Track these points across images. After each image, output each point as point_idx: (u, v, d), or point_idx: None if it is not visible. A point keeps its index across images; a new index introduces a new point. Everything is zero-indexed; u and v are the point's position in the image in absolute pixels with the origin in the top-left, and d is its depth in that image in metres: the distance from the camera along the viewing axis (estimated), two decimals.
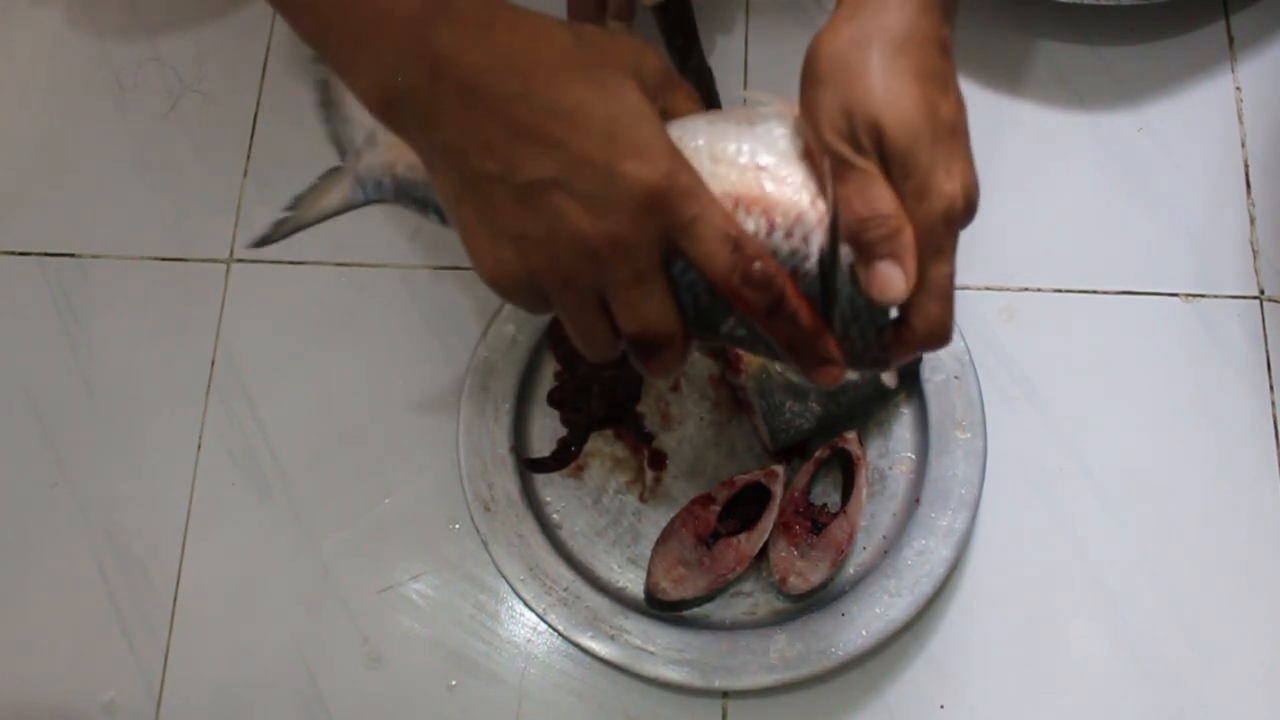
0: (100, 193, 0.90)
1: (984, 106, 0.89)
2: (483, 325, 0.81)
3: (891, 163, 0.49)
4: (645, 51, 0.52)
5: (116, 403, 0.84)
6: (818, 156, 0.51)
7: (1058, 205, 0.87)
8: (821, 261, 0.51)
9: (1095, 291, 0.85)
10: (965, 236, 0.85)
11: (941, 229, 0.50)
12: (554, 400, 0.81)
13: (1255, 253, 0.85)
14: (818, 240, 0.51)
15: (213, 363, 0.85)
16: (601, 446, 0.80)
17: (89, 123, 0.92)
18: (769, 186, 0.51)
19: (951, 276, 0.51)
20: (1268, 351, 0.83)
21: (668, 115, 0.53)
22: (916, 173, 0.49)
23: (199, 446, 0.83)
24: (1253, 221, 0.86)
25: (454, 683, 0.77)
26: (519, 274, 0.51)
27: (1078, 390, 0.82)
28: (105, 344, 0.86)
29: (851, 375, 0.54)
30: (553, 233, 0.48)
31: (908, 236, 0.49)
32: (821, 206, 0.51)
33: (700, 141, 0.52)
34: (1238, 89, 0.90)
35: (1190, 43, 0.90)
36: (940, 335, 0.52)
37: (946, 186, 0.49)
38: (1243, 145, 0.88)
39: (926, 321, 0.51)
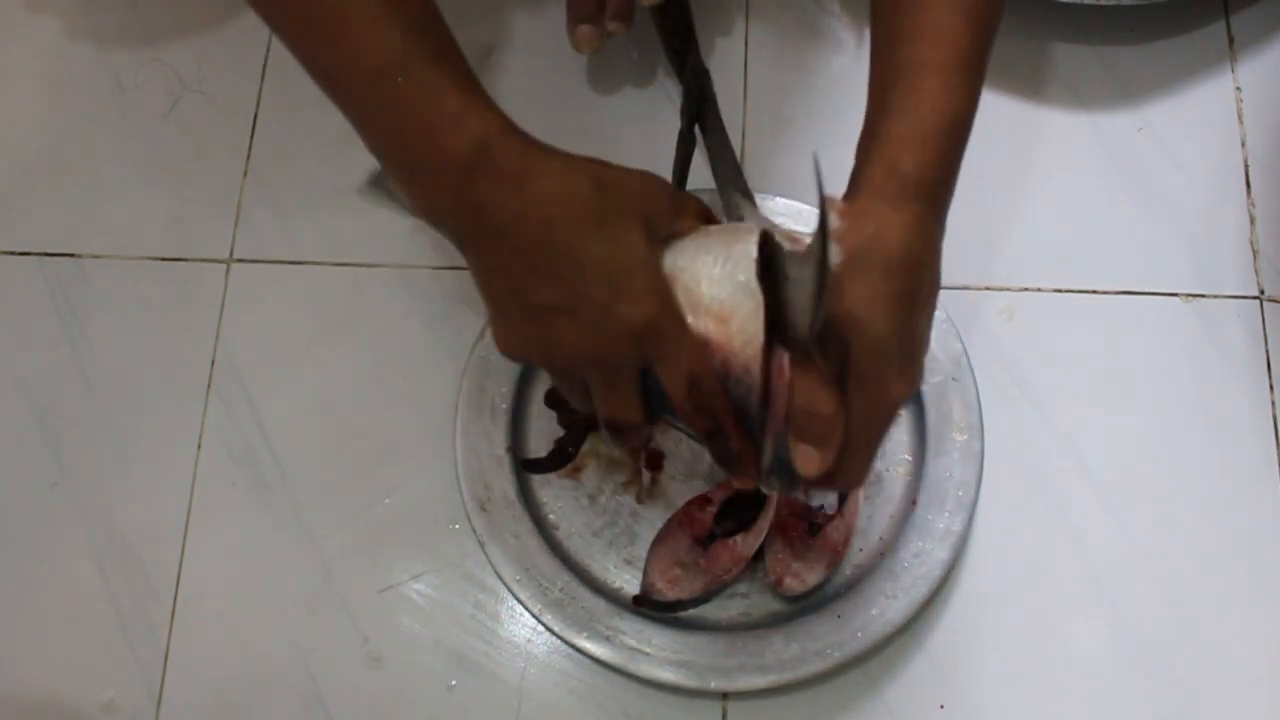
0: (100, 193, 0.90)
1: (984, 107, 0.88)
2: (481, 326, 0.81)
3: (851, 374, 0.55)
4: (655, 190, 0.59)
5: (116, 403, 0.84)
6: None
7: (1058, 205, 0.87)
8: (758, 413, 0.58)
9: (1095, 291, 0.85)
10: (965, 237, 0.86)
11: (879, 422, 0.57)
12: (551, 401, 0.81)
13: (1255, 253, 0.85)
14: (759, 377, 0.57)
15: (213, 363, 0.85)
16: (599, 447, 0.80)
17: (89, 123, 0.92)
18: (732, 335, 0.57)
19: (871, 461, 0.58)
20: (1268, 351, 0.83)
21: (677, 236, 0.59)
22: (870, 385, 0.55)
23: (199, 446, 0.83)
24: (1253, 221, 0.86)
25: (454, 683, 0.77)
26: (520, 358, 0.61)
27: (1078, 390, 0.82)
28: (105, 344, 0.86)
29: None
30: (552, 343, 0.57)
31: (836, 436, 0.56)
32: (752, 352, 0.56)
33: (687, 273, 0.58)
34: (1238, 89, 0.89)
35: (1190, 43, 0.90)
36: (849, 487, 0.64)
37: (894, 393, 0.55)
38: (1243, 145, 0.88)
39: (836, 481, 0.58)
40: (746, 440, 0.59)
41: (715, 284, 0.57)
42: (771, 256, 0.56)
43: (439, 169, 0.56)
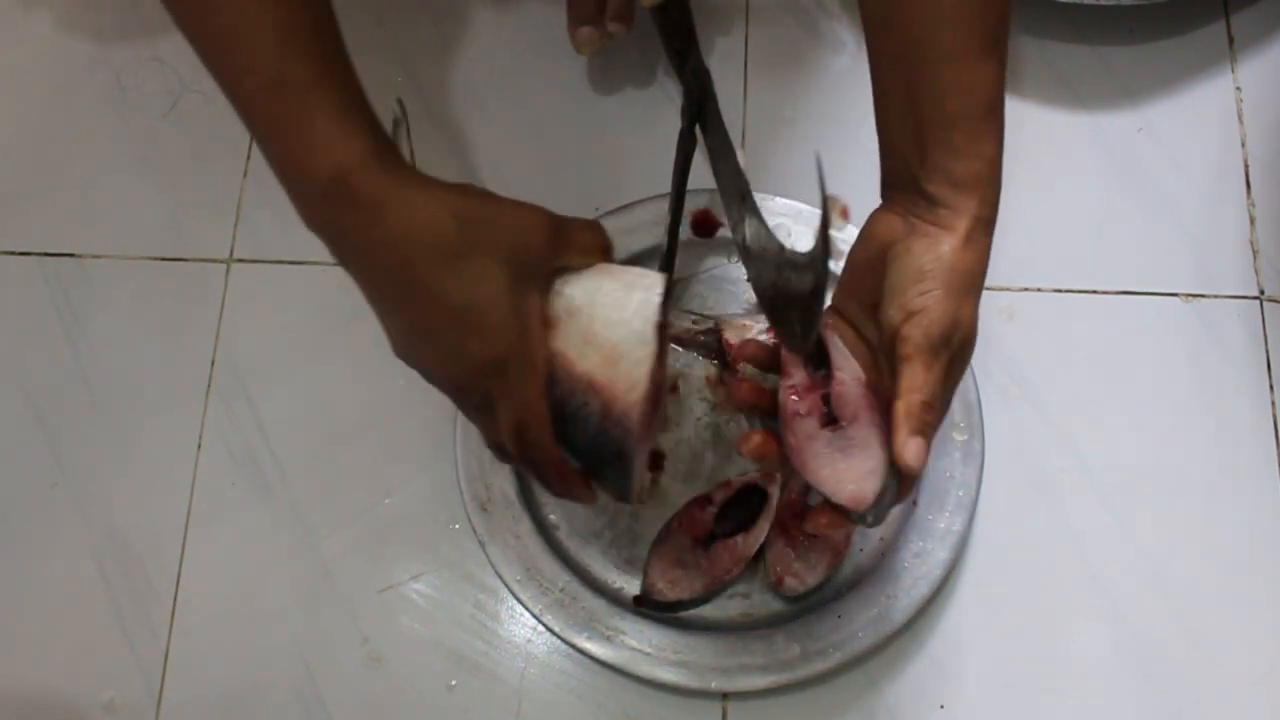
0: (100, 193, 0.90)
1: None
2: None
3: (955, 362, 0.59)
4: (528, 226, 0.59)
5: (116, 403, 0.84)
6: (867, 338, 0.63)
7: (1058, 205, 0.87)
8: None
9: (1095, 291, 0.85)
10: None
11: (937, 415, 0.59)
12: None
13: (1255, 253, 0.85)
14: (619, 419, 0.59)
15: (213, 363, 0.85)
16: None
17: (89, 123, 0.93)
18: (616, 378, 0.59)
19: (925, 452, 0.58)
20: (1268, 351, 0.83)
21: (566, 271, 0.60)
22: (955, 377, 0.59)
23: (199, 446, 0.83)
24: (1253, 221, 0.86)
25: (454, 683, 0.77)
26: (404, 362, 0.62)
27: (1078, 390, 0.82)
28: (105, 344, 0.86)
29: None
30: (420, 362, 0.60)
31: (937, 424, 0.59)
32: (635, 398, 0.59)
33: (584, 309, 0.60)
34: (1238, 89, 0.89)
35: (1190, 43, 0.90)
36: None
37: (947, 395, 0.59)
38: (1243, 145, 0.88)
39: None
40: (570, 471, 0.62)
41: (611, 326, 0.59)
42: (667, 306, 0.59)
43: (303, 193, 0.57)
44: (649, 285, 0.59)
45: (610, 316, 0.59)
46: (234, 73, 0.57)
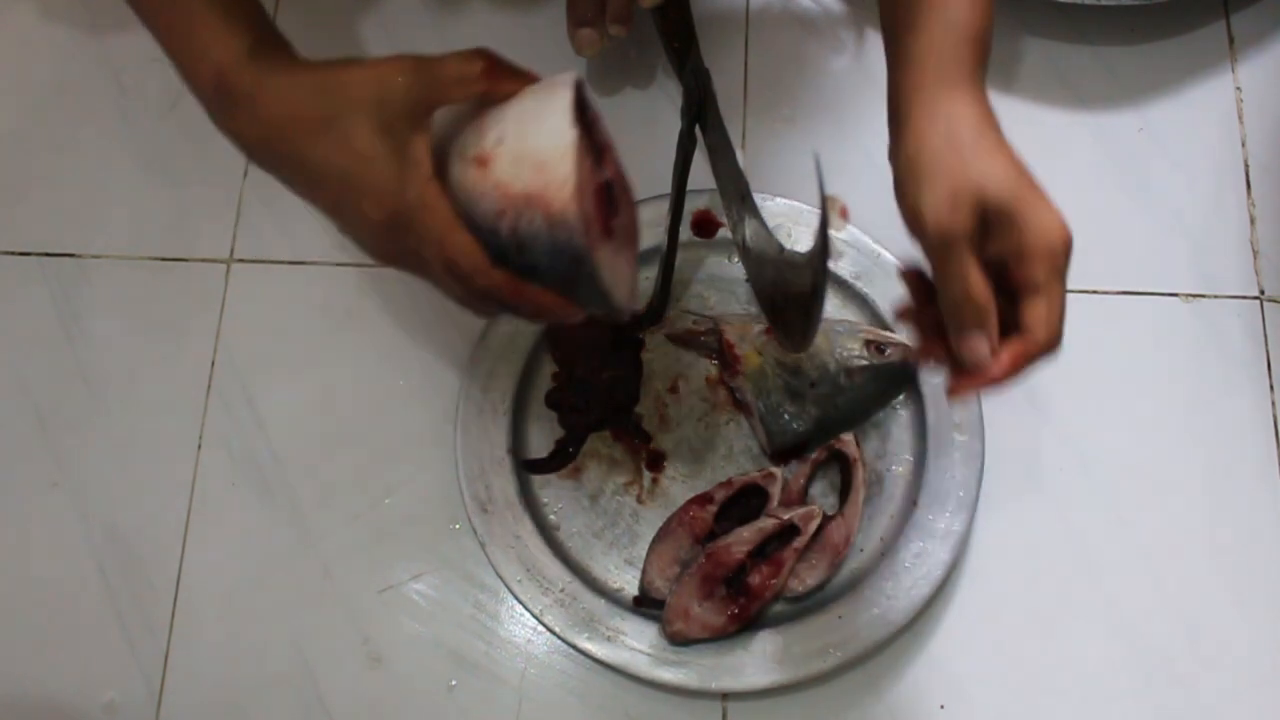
0: (100, 193, 0.90)
1: None
2: (481, 326, 0.81)
3: (999, 217, 0.57)
4: (388, 74, 0.58)
5: (116, 403, 0.84)
6: (925, 250, 0.59)
7: (1058, 205, 0.87)
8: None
9: (1095, 291, 0.85)
10: None
11: (1061, 254, 0.58)
12: (552, 402, 0.81)
13: (1255, 253, 0.85)
14: (546, 222, 0.56)
15: (213, 363, 0.85)
16: (599, 448, 0.80)
17: (89, 123, 0.92)
18: (548, 182, 0.56)
19: (1063, 299, 0.59)
20: (1268, 351, 0.83)
21: (445, 102, 0.59)
22: (1021, 214, 0.57)
23: (199, 446, 0.83)
24: (1253, 221, 0.86)
25: (454, 683, 0.77)
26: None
27: (1078, 390, 0.82)
28: (105, 344, 0.86)
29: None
30: (355, 242, 0.60)
31: (991, 314, 0.57)
32: (567, 194, 0.56)
33: (478, 135, 0.58)
34: (1238, 89, 0.89)
35: (1190, 43, 0.90)
36: (1055, 342, 0.60)
37: (1048, 218, 0.58)
38: (1243, 145, 0.88)
39: (1048, 329, 0.59)
40: (542, 293, 0.59)
41: (533, 136, 0.57)
42: (584, 100, 0.57)
43: (202, 100, 0.59)
44: (560, 84, 0.58)
45: (530, 129, 0.57)
46: None
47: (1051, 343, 0.60)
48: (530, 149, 0.57)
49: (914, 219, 0.59)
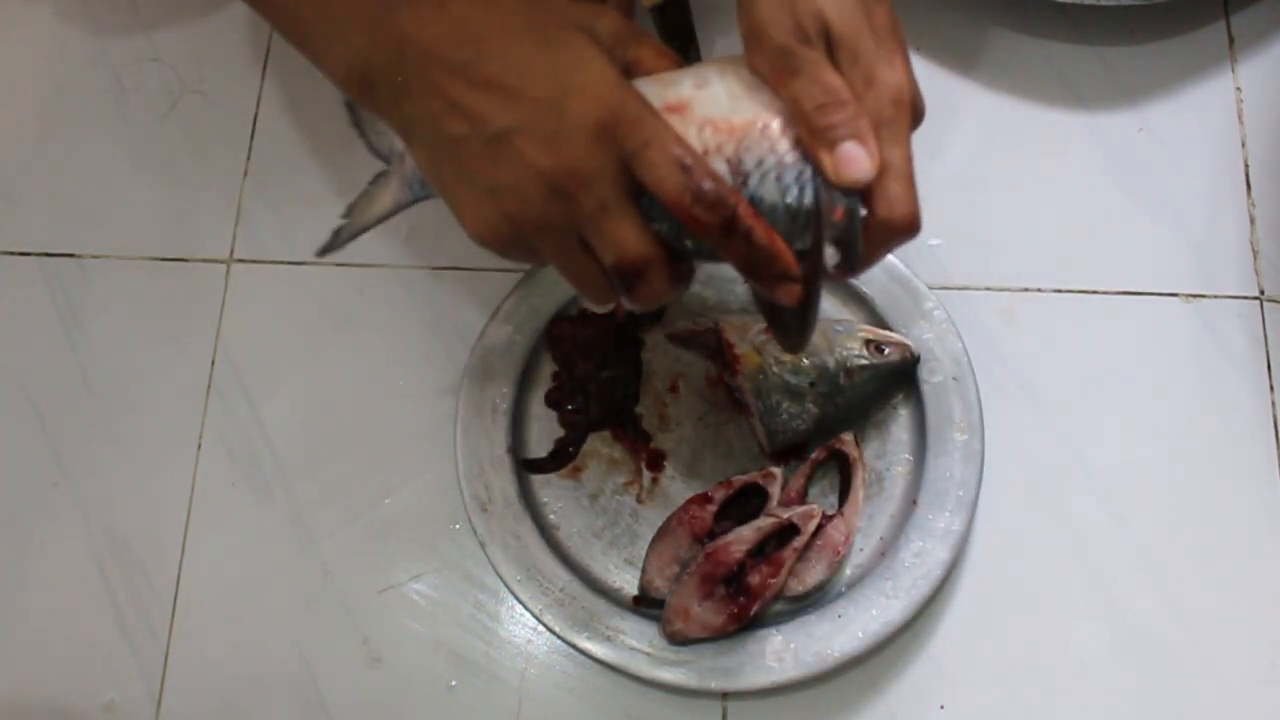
0: (100, 193, 0.90)
1: (984, 106, 0.89)
2: (481, 326, 0.81)
3: (838, 50, 0.52)
4: (601, 13, 0.55)
5: (116, 403, 0.84)
6: (766, 61, 0.54)
7: (1058, 205, 0.87)
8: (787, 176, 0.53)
9: (1095, 291, 0.85)
10: (965, 237, 0.85)
11: (891, 111, 0.52)
12: (552, 401, 0.81)
13: (1255, 253, 0.85)
14: (775, 156, 0.53)
15: (213, 363, 0.85)
16: (599, 447, 0.80)
17: (89, 123, 0.93)
18: (736, 111, 0.53)
19: (909, 159, 0.53)
20: (1268, 351, 0.82)
21: (634, 69, 0.56)
22: (863, 61, 0.52)
23: (199, 446, 0.83)
24: (1253, 221, 0.86)
25: (454, 683, 0.77)
26: (500, 227, 0.54)
27: (1078, 390, 0.82)
28: (105, 344, 0.86)
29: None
30: (520, 178, 0.52)
31: (864, 120, 0.51)
32: (776, 126, 0.53)
33: (668, 87, 0.55)
34: (1238, 89, 0.89)
35: (1190, 43, 0.90)
36: (908, 219, 0.53)
37: (891, 75, 0.52)
38: (1243, 145, 0.88)
39: (891, 206, 0.53)
40: (769, 226, 0.53)
41: (741, 79, 0.54)
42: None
43: (357, 5, 0.53)
44: (730, 65, 0.55)
45: (737, 72, 0.54)
46: None
47: (900, 221, 0.53)
48: (744, 87, 0.54)
49: (752, 28, 0.54)
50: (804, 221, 0.53)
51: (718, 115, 0.53)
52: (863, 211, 0.53)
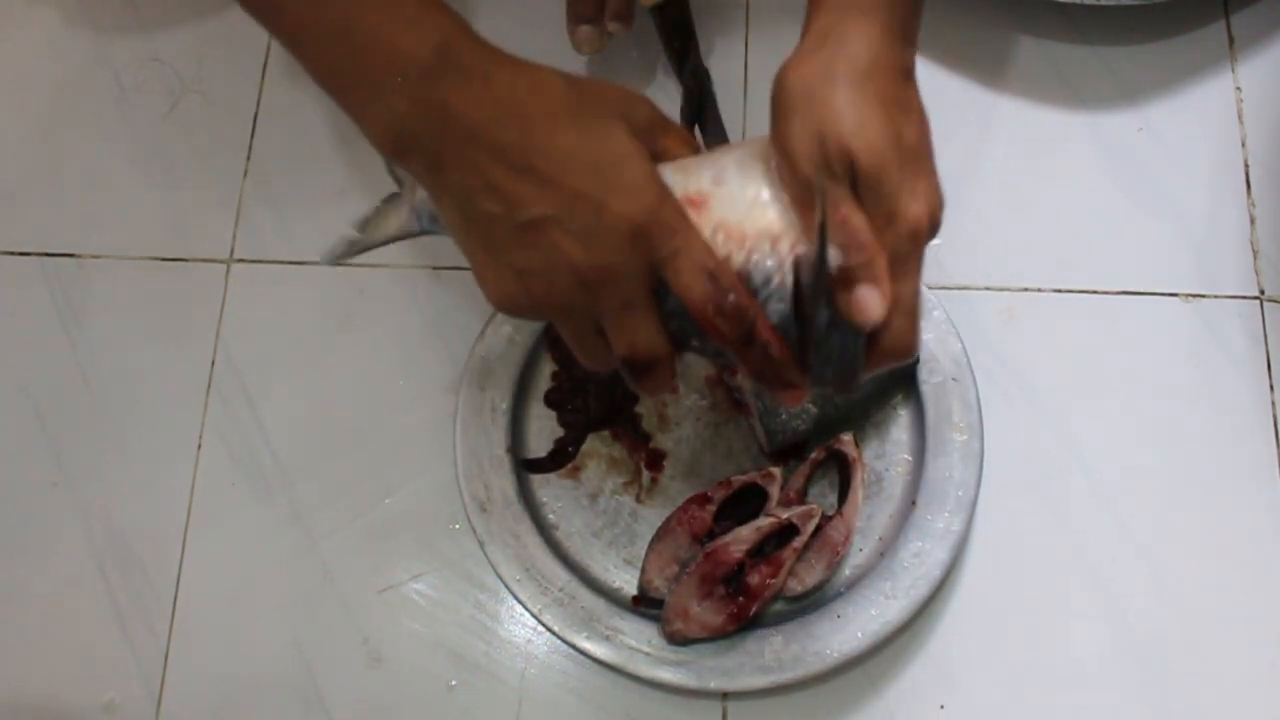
0: (100, 193, 0.90)
1: (984, 106, 0.89)
2: (480, 326, 0.81)
3: (862, 187, 0.52)
4: (636, 99, 0.56)
5: (116, 403, 0.84)
6: (791, 186, 0.54)
7: (1058, 205, 0.87)
8: (799, 288, 0.54)
9: (1095, 291, 0.85)
10: (965, 237, 0.86)
11: (908, 249, 0.53)
12: (551, 401, 0.81)
13: (1255, 253, 0.85)
14: (792, 270, 0.53)
15: (213, 363, 0.85)
16: (599, 447, 0.80)
17: (89, 123, 0.93)
18: (749, 218, 0.54)
19: (918, 293, 0.54)
20: (1268, 351, 0.82)
21: (661, 157, 0.56)
22: (886, 197, 0.52)
23: (199, 446, 0.83)
24: (1253, 221, 0.86)
25: (454, 683, 0.77)
26: (522, 302, 0.55)
27: (1078, 390, 0.82)
28: (105, 344, 0.86)
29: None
30: (549, 265, 0.53)
31: (883, 261, 0.52)
32: (793, 238, 0.54)
33: (689, 177, 0.55)
34: (1238, 89, 0.89)
35: (1190, 43, 0.90)
36: (907, 348, 0.55)
37: (913, 208, 0.52)
38: (1243, 145, 0.88)
39: (894, 340, 0.54)
40: (782, 339, 0.54)
41: (757, 181, 0.54)
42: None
43: (400, 74, 0.52)
44: (752, 144, 0.55)
45: (754, 172, 0.54)
46: None
47: (899, 351, 0.55)
48: (761, 191, 0.54)
49: (782, 151, 0.54)
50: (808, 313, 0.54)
51: (732, 219, 0.54)
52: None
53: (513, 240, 0.53)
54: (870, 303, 0.52)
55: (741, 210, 0.54)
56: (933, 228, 0.54)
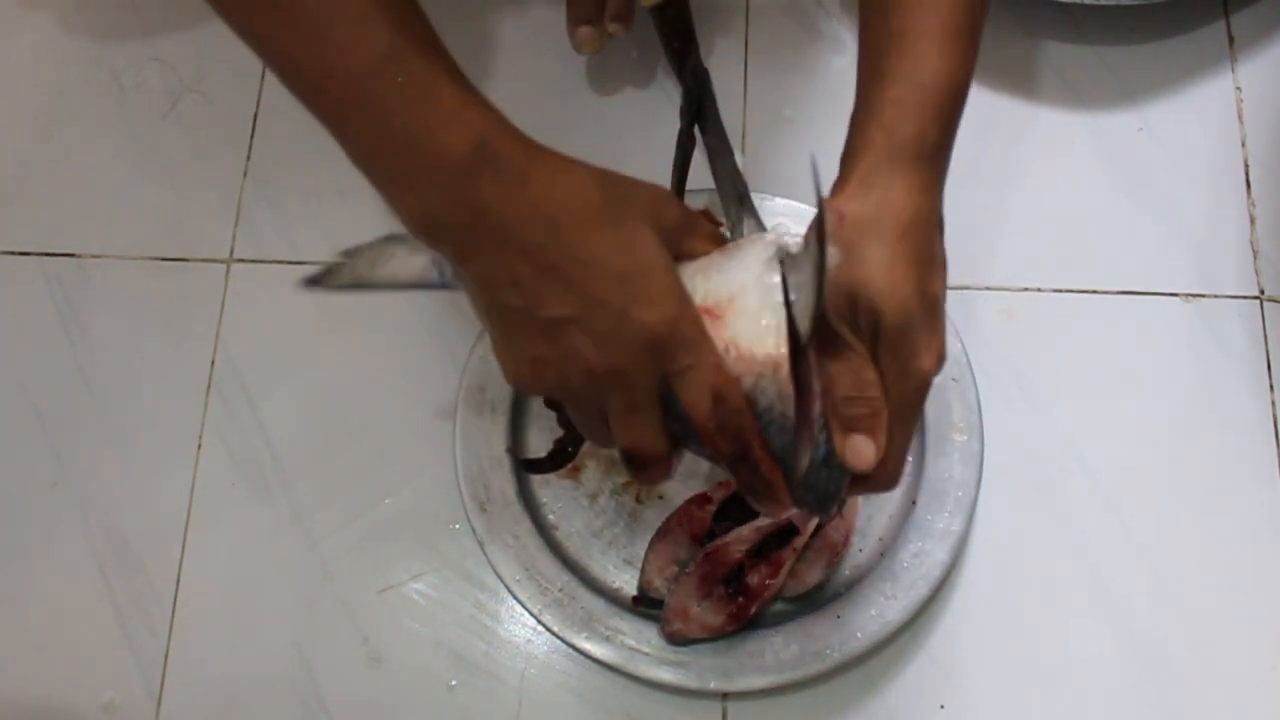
0: (100, 193, 0.90)
1: (984, 106, 0.89)
2: (480, 326, 0.81)
3: (882, 344, 0.54)
4: (666, 201, 0.57)
5: (116, 403, 0.84)
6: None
7: (1058, 205, 0.87)
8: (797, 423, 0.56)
9: (1095, 291, 0.85)
10: (965, 237, 0.85)
11: (913, 400, 0.55)
12: (551, 401, 0.81)
13: (1255, 253, 0.85)
14: (782, 407, 0.55)
15: (213, 363, 0.85)
16: (599, 447, 0.80)
17: (89, 123, 0.93)
18: (749, 335, 0.55)
19: (909, 437, 0.57)
20: (1268, 351, 0.83)
21: (686, 257, 0.57)
22: (902, 355, 0.54)
23: (199, 446, 0.83)
24: (1253, 221, 0.86)
25: (454, 683, 0.77)
26: (533, 385, 0.57)
27: (1078, 390, 0.82)
28: (105, 344, 0.86)
29: None
30: (565, 360, 0.54)
31: (884, 415, 0.55)
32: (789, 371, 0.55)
33: (710, 281, 0.56)
34: (1238, 89, 0.89)
35: (1190, 43, 0.90)
36: (889, 486, 0.58)
37: (925, 362, 0.54)
38: (1243, 145, 0.88)
39: (879, 476, 0.56)
40: (775, 463, 0.56)
41: (769, 309, 0.55)
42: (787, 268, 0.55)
43: (437, 169, 0.52)
44: (760, 250, 0.56)
45: (767, 298, 0.55)
46: (330, 57, 0.52)
47: (882, 486, 0.57)
48: (771, 320, 0.55)
49: None
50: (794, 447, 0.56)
51: (742, 339, 0.54)
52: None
53: (531, 333, 0.54)
54: (865, 451, 0.55)
55: (753, 331, 0.55)
56: (939, 367, 0.56)
